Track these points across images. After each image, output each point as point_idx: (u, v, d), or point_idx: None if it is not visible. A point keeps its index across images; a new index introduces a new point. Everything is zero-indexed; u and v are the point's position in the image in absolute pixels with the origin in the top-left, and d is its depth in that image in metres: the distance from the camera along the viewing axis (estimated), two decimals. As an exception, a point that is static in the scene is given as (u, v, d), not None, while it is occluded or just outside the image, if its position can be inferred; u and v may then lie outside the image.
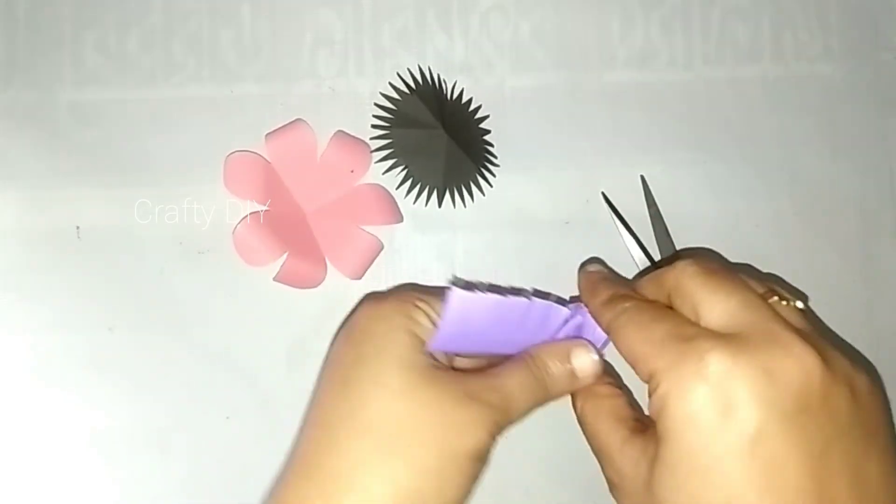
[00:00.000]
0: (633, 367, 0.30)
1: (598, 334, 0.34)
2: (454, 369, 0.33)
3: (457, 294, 0.30)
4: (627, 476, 0.30)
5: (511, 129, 0.44)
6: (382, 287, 0.43)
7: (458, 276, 0.43)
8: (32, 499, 0.41)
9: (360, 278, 0.42)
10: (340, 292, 0.42)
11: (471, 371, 0.32)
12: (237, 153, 0.42)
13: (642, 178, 0.44)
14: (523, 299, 0.32)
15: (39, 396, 0.41)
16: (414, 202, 0.43)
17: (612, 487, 0.32)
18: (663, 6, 0.45)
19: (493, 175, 0.44)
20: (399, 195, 0.43)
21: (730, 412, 0.26)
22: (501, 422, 0.30)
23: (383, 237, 0.43)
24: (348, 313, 0.40)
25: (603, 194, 0.44)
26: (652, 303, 0.32)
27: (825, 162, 0.45)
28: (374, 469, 0.28)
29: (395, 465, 0.28)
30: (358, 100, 0.44)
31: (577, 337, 0.35)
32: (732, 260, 0.44)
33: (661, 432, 0.28)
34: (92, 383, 0.42)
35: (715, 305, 0.29)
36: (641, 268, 0.43)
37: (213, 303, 0.42)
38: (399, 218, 0.43)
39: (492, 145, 0.44)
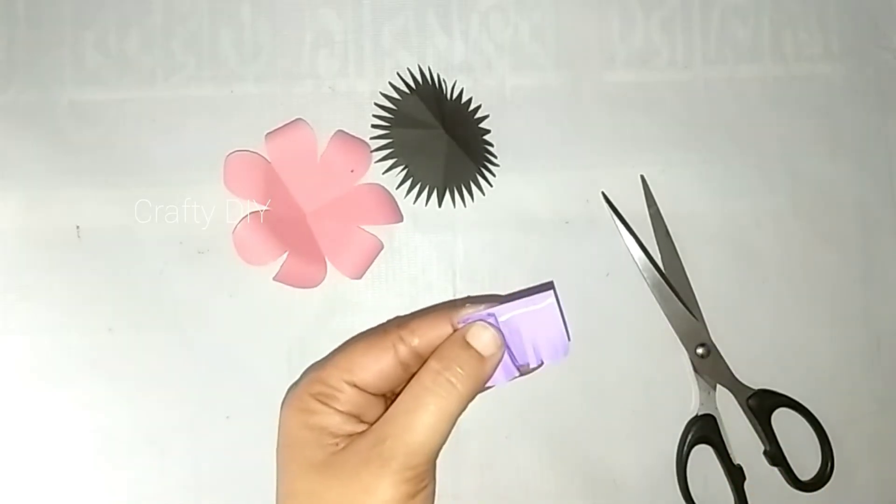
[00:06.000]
0: None
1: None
2: (365, 425, 0.33)
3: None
4: None
5: (511, 129, 0.44)
6: (382, 286, 0.43)
7: (458, 275, 0.43)
8: (33, 499, 0.41)
9: (359, 278, 0.42)
10: (340, 292, 0.43)
11: (379, 421, 0.32)
12: (237, 153, 0.42)
13: (642, 178, 0.44)
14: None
15: (39, 396, 0.42)
16: (414, 202, 0.43)
17: None
18: (663, 6, 0.45)
19: (493, 175, 0.44)
20: (399, 195, 0.43)
21: None
22: (408, 467, 0.31)
23: (383, 237, 0.43)
24: None
25: (603, 194, 0.44)
26: None
27: (825, 162, 0.45)
28: None
29: None
30: (358, 100, 0.44)
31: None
32: (732, 259, 0.44)
33: None
34: (92, 383, 0.42)
35: None
36: (642, 268, 0.43)
37: (213, 303, 0.42)
38: (399, 218, 0.43)
39: (492, 145, 0.44)
